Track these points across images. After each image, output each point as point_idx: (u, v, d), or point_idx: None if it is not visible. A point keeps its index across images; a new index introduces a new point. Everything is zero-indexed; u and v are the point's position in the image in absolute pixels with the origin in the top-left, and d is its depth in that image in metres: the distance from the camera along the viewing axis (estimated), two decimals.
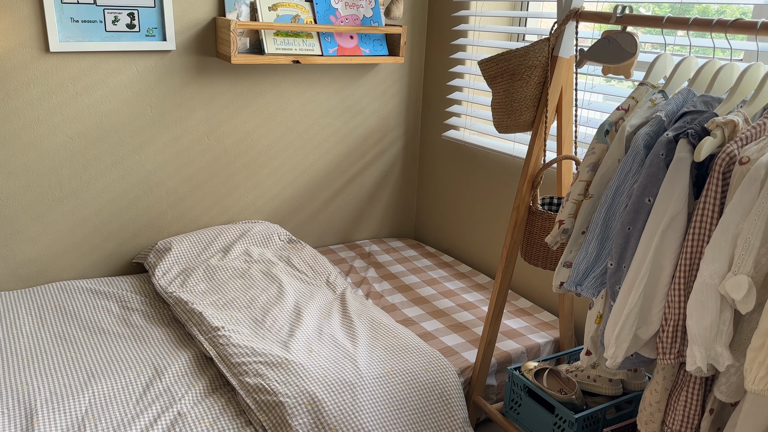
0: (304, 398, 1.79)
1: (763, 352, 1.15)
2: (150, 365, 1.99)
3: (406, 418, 1.88)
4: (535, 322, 2.40)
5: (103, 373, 1.94)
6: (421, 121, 3.15)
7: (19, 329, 2.14)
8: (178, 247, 2.54)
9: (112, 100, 2.43)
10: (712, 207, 1.28)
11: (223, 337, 2.02)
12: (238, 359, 1.92)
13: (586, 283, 1.59)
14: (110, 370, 1.95)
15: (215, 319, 2.11)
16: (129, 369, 1.96)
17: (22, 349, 2.03)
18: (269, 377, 1.84)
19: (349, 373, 1.91)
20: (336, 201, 3.05)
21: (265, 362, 1.91)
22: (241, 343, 1.99)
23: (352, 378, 1.89)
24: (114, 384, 1.89)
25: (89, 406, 1.80)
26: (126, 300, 2.36)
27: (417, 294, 2.58)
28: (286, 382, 1.83)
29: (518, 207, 1.96)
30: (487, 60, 1.89)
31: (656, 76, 1.62)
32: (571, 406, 1.84)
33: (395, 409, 1.88)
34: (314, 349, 2.02)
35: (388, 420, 1.85)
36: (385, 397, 1.88)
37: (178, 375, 1.95)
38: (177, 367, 1.98)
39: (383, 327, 2.20)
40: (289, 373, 1.87)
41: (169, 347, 2.09)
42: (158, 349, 2.07)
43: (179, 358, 2.02)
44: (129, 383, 1.90)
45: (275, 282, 2.40)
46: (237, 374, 1.89)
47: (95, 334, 2.14)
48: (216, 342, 2.02)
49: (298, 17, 2.58)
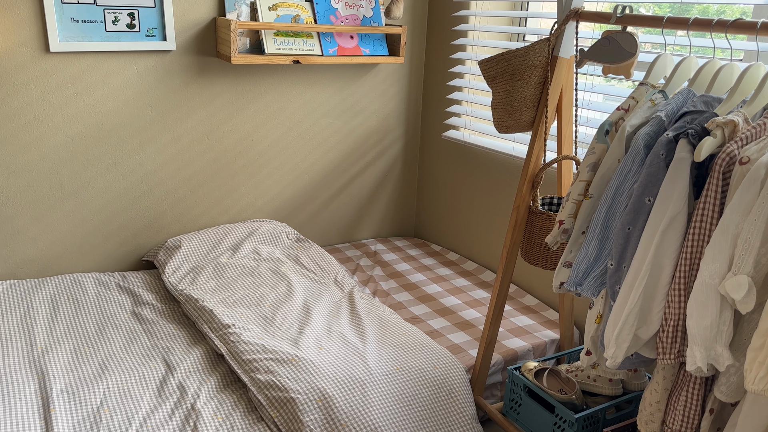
0: (315, 394, 1.80)
1: (763, 352, 1.15)
2: (162, 360, 2.01)
3: (415, 415, 1.89)
4: (542, 320, 2.41)
5: (116, 365, 1.97)
6: (421, 121, 3.15)
7: (34, 319, 2.16)
8: (187, 245, 2.56)
9: (112, 100, 2.43)
10: (712, 207, 1.28)
11: (234, 334, 2.04)
12: (249, 356, 1.94)
13: (586, 283, 1.59)
14: (123, 364, 1.98)
15: (225, 316, 2.13)
16: (142, 364, 1.98)
17: (37, 339, 2.06)
18: (280, 374, 1.86)
19: (358, 369, 1.92)
20: (336, 201, 3.05)
21: (276, 359, 1.92)
22: (251, 340, 2.00)
23: (362, 375, 1.90)
24: (128, 378, 1.92)
25: (104, 398, 1.83)
26: (137, 295, 2.38)
27: (423, 292, 2.59)
28: (296, 379, 1.85)
29: (518, 207, 1.96)
30: (487, 60, 1.89)
31: (656, 76, 1.62)
32: (571, 406, 1.84)
33: (405, 405, 1.89)
34: (324, 347, 2.04)
35: (397, 416, 1.86)
36: (395, 394, 1.90)
37: (190, 371, 1.96)
38: (189, 363, 2.00)
39: (391, 325, 2.22)
40: (299, 369, 1.88)
41: (180, 343, 2.11)
42: (170, 345, 2.09)
43: (191, 354, 2.04)
44: (142, 377, 1.92)
45: (284, 280, 2.42)
46: (248, 371, 1.90)
47: (108, 327, 2.16)
48: (227, 339, 2.03)
49: (298, 17, 2.58)
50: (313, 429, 1.74)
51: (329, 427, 1.76)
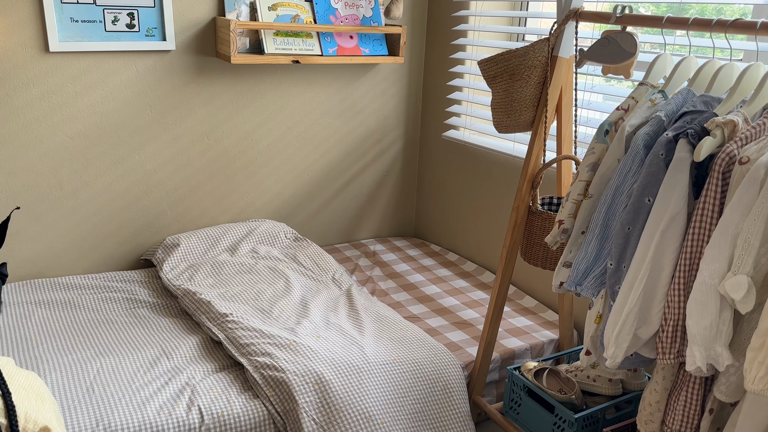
0: (312, 377, 1.82)
1: (762, 351, 1.15)
2: (158, 347, 2.02)
3: (409, 407, 1.90)
4: (540, 321, 2.41)
5: (111, 351, 1.98)
6: (421, 121, 3.15)
7: (29, 318, 2.16)
8: (186, 244, 2.57)
9: (112, 100, 2.43)
10: (711, 207, 1.28)
11: (232, 322, 2.05)
12: (247, 341, 1.96)
13: (585, 283, 1.59)
14: (119, 350, 1.99)
15: (223, 307, 2.14)
16: (137, 350, 1.99)
17: (31, 335, 2.07)
18: (277, 356, 1.88)
19: (356, 357, 1.94)
20: (336, 201, 3.05)
21: (274, 343, 1.94)
22: (249, 327, 2.02)
23: (359, 362, 1.92)
24: (122, 360, 1.93)
25: (97, 374, 1.85)
26: (133, 293, 2.38)
27: (422, 292, 2.59)
28: (294, 361, 1.86)
29: (518, 207, 1.96)
30: (487, 60, 1.89)
31: (656, 76, 1.62)
32: (571, 406, 1.84)
33: (400, 396, 1.90)
34: (322, 336, 2.05)
35: (392, 406, 1.87)
36: (391, 384, 1.91)
37: (185, 356, 1.98)
38: (185, 349, 2.01)
39: (389, 320, 2.23)
40: (297, 353, 1.90)
41: (176, 333, 2.12)
42: (166, 335, 2.10)
43: (187, 342, 2.05)
44: (137, 359, 1.94)
45: (282, 277, 2.43)
46: (245, 354, 1.92)
47: (103, 324, 2.17)
48: (225, 327, 2.04)
49: (298, 17, 2.58)
50: (308, 410, 1.76)
51: (324, 410, 1.78)
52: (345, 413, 1.78)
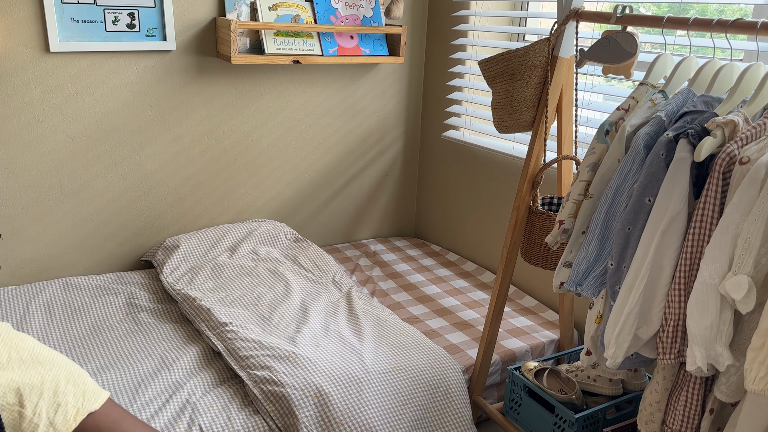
0: (311, 391, 1.81)
1: (763, 351, 1.15)
2: (158, 358, 2.00)
3: (410, 415, 1.89)
4: (541, 321, 2.41)
5: (111, 366, 1.96)
6: (421, 121, 3.15)
7: (29, 325, 2.15)
8: (186, 245, 2.56)
9: (112, 100, 2.43)
10: (712, 207, 1.28)
11: (231, 332, 2.03)
12: (246, 353, 1.94)
13: (586, 283, 1.59)
14: (119, 361, 1.97)
15: (223, 315, 2.13)
16: (138, 362, 1.97)
17: None
18: (277, 369, 1.86)
19: (355, 367, 1.92)
20: (336, 201, 3.05)
21: (273, 355, 1.93)
22: (248, 338, 2.00)
23: (359, 372, 1.90)
24: (123, 375, 1.91)
25: None
26: (134, 296, 2.37)
27: (422, 292, 2.59)
28: (293, 375, 1.85)
29: (518, 207, 1.96)
30: (487, 60, 1.89)
31: (656, 76, 1.62)
32: (571, 406, 1.84)
33: (400, 405, 1.89)
34: (321, 345, 2.04)
35: (393, 416, 1.86)
36: (391, 393, 1.90)
37: (186, 368, 1.96)
38: (185, 361, 1.99)
39: (389, 324, 2.22)
40: (296, 366, 1.88)
41: (177, 343, 2.10)
42: (166, 345, 2.09)
43: (187, 353, 2.03)
44: (138, 374, 1.92)
45: (282, 280, 2.42)
46: (245, 367, 1.91)
47: (103, 332, 2.15)
48: (224, 337, 2.03)
49: (298, 17, 2.58)
50: (308, 425, 1.75)
51: (324, 424, 1.77)
52: (345, 426, 1.77)
